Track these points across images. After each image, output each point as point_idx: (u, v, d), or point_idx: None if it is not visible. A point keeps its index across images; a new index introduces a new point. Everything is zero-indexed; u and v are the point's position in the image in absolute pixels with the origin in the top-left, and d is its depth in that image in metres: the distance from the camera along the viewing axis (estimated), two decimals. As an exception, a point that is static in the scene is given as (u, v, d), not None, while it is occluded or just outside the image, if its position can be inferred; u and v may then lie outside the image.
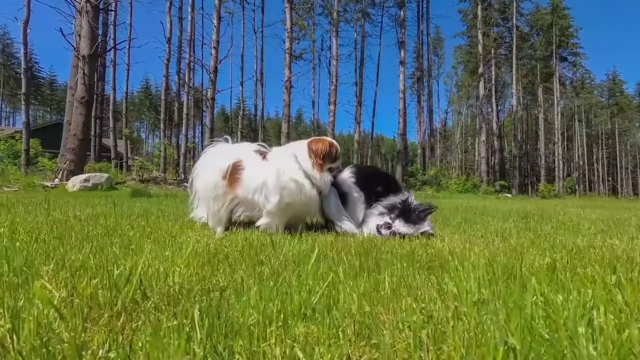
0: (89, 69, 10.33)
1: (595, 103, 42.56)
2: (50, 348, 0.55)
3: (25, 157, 16.25)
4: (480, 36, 27.08)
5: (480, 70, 27.03)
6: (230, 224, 2.09)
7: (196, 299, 0.78)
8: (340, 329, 0.65)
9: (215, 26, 16.34)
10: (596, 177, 43.40)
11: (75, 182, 9.39)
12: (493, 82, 28.98)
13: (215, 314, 0.67)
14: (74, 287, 0.83)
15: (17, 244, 1.23)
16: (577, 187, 33.72)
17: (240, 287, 0.86)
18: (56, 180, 10.26)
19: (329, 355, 0.56)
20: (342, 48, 24.14)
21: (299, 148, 2.11)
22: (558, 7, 32.74)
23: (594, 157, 42.96)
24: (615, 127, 44.07)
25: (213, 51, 16.27)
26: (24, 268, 0.92)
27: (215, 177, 2.05)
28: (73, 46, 12.58)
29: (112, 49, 15.12)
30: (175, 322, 0.62)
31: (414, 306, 0.74)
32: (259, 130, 28.12)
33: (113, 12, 18.08)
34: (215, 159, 2.19)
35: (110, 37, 19.97)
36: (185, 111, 19.82)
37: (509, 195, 22.40)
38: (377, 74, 29.53)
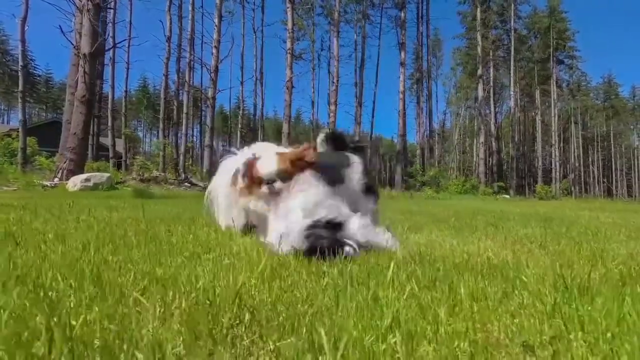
0: (90, 68, 10.22)
1: (591, 105, 43.03)
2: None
3: (22, 155, 16.04)
4: (479, 38, 27.24)
5: (480, 72, 27.18)
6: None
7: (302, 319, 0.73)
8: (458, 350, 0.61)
9: (216, 25, 16.28)
10: (591, 179, 43.85)
11: (75, 182, 9.28)
12: (491, 84, 29.17)
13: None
14: (163, 301, 0.79)
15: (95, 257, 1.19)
16: (573, 188, 34.04)
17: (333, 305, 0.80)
18: (55, 180, 10.13)
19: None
20: (342, 49, 24.13)
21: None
22: (556, 10, 33.04)
23: (590, 159, 43.38)
24: (610, 129, 44.59)
25: (214, 50, 16.20)
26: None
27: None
28: (73, 44, 12.44)
29: (113, 48, 14.98)
30: (306, 345, 0.58)
31: (516, 322, 0.71)
32: (259, 130, 28.04)
33: (112, 10, 17.92)
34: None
35: (108, 35, 19.79)
36: (185, 110, 19.69)
37: (507, 196, 22.53)
38: (376, 75, 29.60)
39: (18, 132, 17.82)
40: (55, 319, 0.62)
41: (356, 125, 28.81)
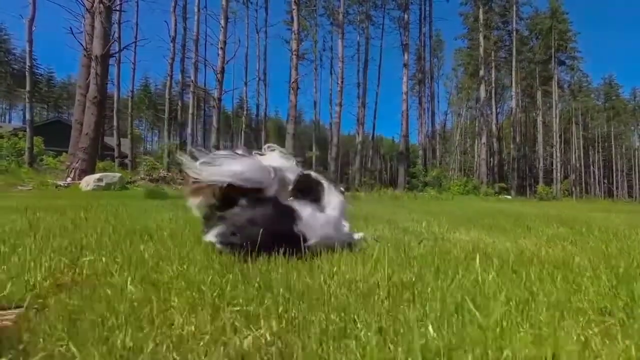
0: (102, 69, 10.35)
1: (592, 106, 43.24)
2: None
3: (29, 155, 16.17)
4: (481, 39, 27.39)
5: (482, 73, 27.33)
6: None
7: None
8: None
9: (222, 27, 16.40)
10: (592, 180, 44.08)
11: (88, 182, 9.42)
12: (493, 84, 29.34)
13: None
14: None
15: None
16: (573, 189, 34.24)
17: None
18: (68, 180, 10.27)
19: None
20: (345, 49, 24.27)
21: None
22: (557, 12, 33.20)
23: (590, 160, 43.62)
24: (611, 130, 44.82)
25: (220, 52, 16.32)
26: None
27: None
28: (83, 46, 12.56)
29: (123, 49, 15.11)
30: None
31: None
32: (262, 131, 28.16)
33: (118, 12, 18.03)
34: None
35: (114, 34, 19.90)
36: (190, 110, 19.84)
37: (509, 196, 22.70)
38: (378, 76, 29.79)
39: (22, 131, 17.96)
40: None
41: (359, 125, 28.98)
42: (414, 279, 1.10)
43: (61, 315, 0.80)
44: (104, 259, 1.28)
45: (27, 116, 16.97)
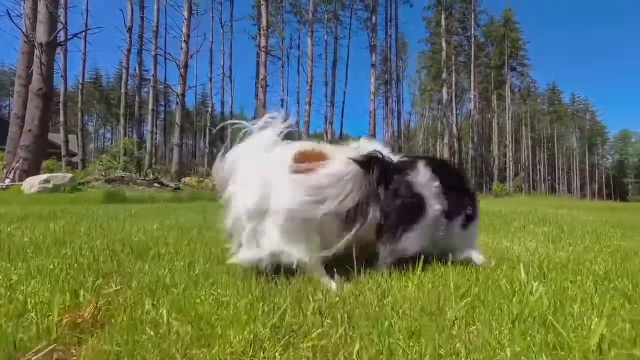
0: (47, 58, 9.28)
1: (539, 110, 47.31)
2: None
3: (-43, 154, 14.18)
4: (444, 43, 28.65)
5: (444, 76, 28.62)
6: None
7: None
8: None
9: (185, 19, 15.51)
10: (538, 177, 48.23)
11: (32, 183, 8.41)
12: (453, 87, 30.88)
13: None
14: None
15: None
16: (523, 185, 37.18)
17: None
18: (7, 181, 9.10)
19: None
20: (314, 48, 24.14)
21: None
22: (509, 21, 35.75)
23: (537, 159, 47.70)
24: (554, 132, 49.37)
25: (183, 45, 15.43)
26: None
27: None
28: (22, 31, 11.20)
29: (73, 38, 13.66)
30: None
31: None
32: (227, 129, 27.15)
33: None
34: None
35: (59, 19, 17.98)
36: (150, 106, 18.55)
37: (469, 194, 24.00)
38: (346, 75, 30.08)
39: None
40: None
41: (327, 124, 29.07)
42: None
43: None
44: (128, 287, 1.07)
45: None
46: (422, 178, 1.36)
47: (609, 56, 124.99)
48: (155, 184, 12.75)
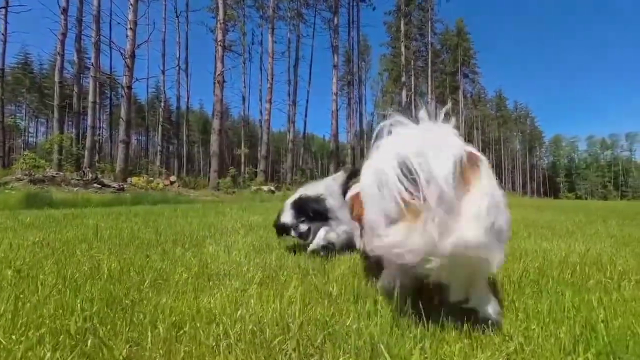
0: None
1: (488, 115, 51.14)
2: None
3: None
4: (403, 48, 29.48)
5: (403, 79, 29.45)
6: None
7: None
8: None
9: (131, 4, 14.03)
10: (487, 177, 52.29)
11: None
12: (412, 90, 31.95)
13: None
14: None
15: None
16: (474, 185, 39.84)
17: None
18: None
19: None
20: (276, 45, 23.43)
21: None
22: (462, 31, 37.91)
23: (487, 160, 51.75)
24: (500, 135, 53.78)
25: (129, 33, 13.95)
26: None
27: None
28: None
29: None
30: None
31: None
32: (183, 124, 25.51)
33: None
34: None
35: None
36: (91, 98, 16.62)
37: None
38: (309, 74, 29.74)
39: None
40: None
41: (289, 123, 28.50)
42: None
43: None
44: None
45: None
46: None
47: (546, 66, 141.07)
48: (95, 185, 11.32)
